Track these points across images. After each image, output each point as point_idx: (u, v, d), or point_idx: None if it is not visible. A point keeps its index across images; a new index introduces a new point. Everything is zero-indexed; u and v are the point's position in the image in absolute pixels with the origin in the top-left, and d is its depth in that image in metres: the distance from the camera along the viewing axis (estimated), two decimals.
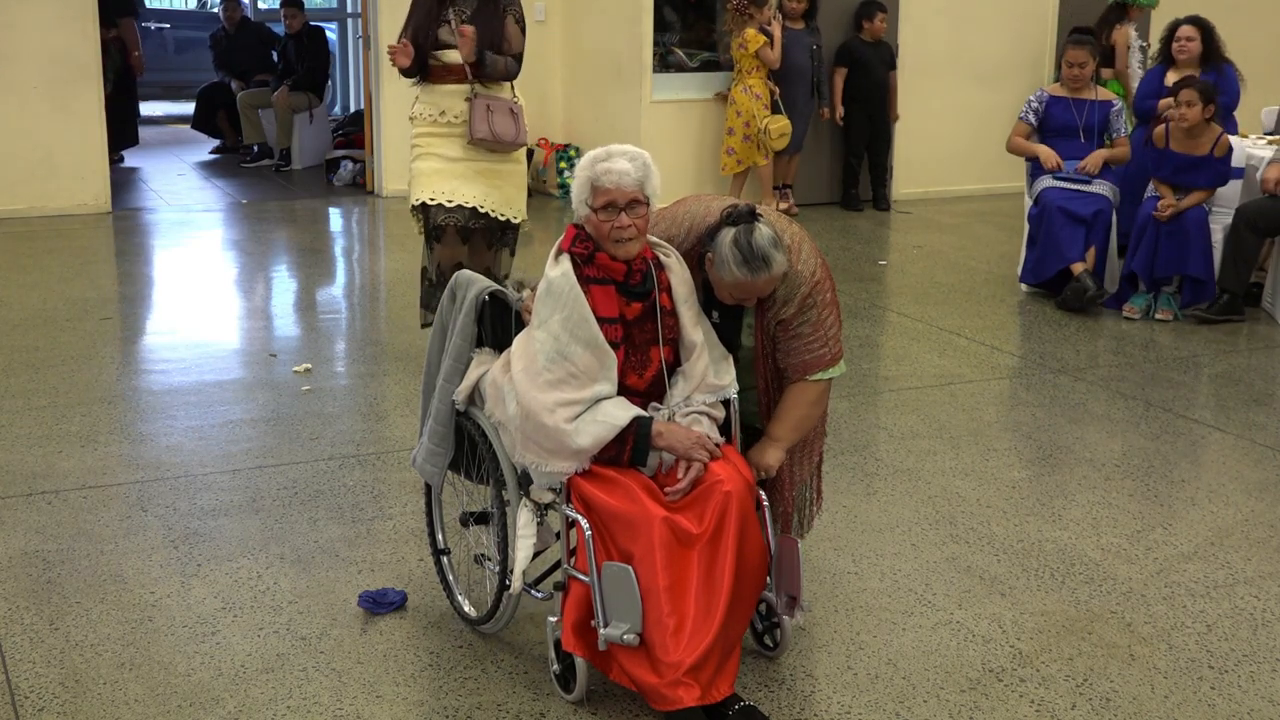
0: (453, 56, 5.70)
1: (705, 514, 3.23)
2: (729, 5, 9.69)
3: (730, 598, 3.18)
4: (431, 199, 5.77)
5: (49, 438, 5.14)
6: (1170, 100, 7.56)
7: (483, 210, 5.79)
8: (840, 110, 10.18)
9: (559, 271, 3.37)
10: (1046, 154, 7.56)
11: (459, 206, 5.74)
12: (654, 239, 3.48)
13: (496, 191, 5.83)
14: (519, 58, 5.82)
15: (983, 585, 4.03)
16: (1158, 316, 7.12)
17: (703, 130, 10.14)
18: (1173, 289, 7.19)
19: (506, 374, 3.41)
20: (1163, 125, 7.34)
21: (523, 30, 5.84)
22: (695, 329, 3.45)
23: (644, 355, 3.42)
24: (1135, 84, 8.86)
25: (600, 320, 3.32)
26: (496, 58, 5.73)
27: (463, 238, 5.82)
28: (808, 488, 3.72)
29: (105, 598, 3.85)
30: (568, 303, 3.32)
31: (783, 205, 9.96)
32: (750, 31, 9.55)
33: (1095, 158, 7.51)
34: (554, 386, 3.28)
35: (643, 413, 3.31)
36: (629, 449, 3.27)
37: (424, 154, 5.82)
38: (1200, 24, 7.88)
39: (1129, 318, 7.17)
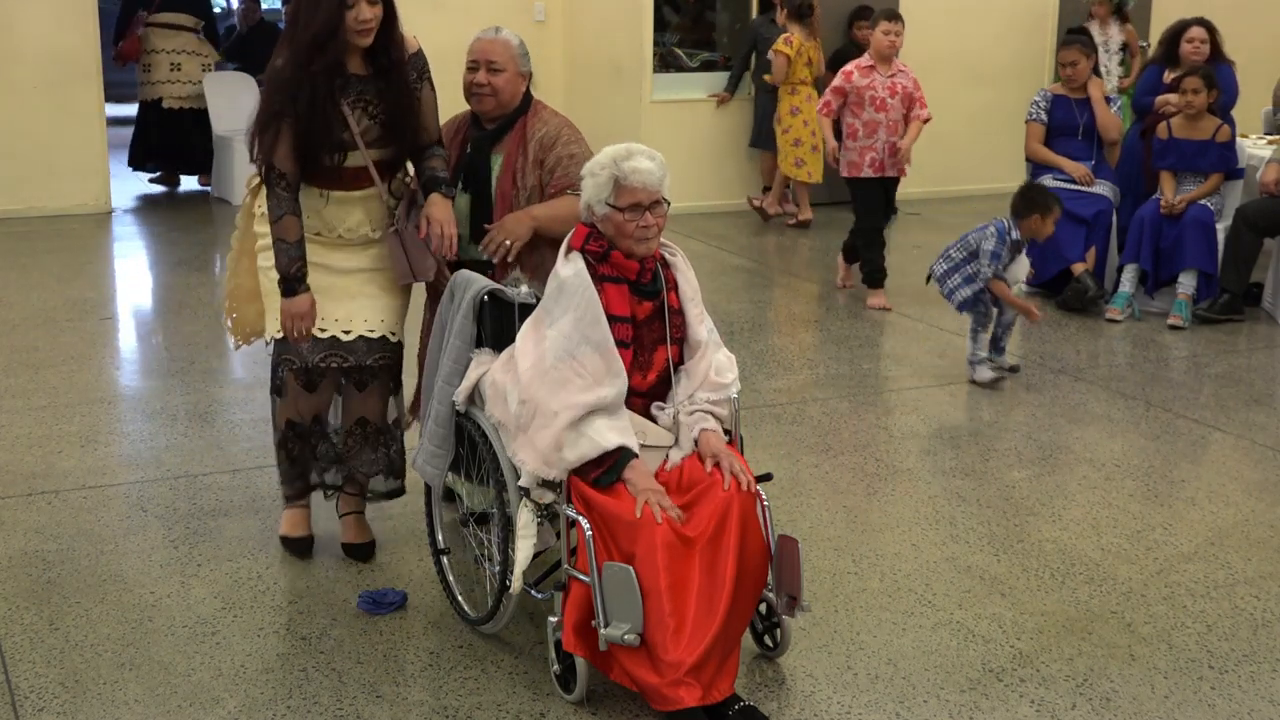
0: (355, 160, 3.87)
1: (706, 515, 3.23)
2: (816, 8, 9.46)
3: (731, 598, 3.18)
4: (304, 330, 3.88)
5: (49, 438, 5.14)
6: (1168, 96, 7.57)
7: (395, 337, 4.04)
8: None
9: (572, 270, 3.36)
10: (1073, 167, 7.52)
11: (360, 338, 3.94)
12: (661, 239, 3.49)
13: (388, 300, 4.03)
14: (441, 143, 4.09)
15: (983, 585, 4.03)
16: (1170, 323, 7.01)
17: (702, 130, 10.14)
18: (1191, 291, 7.10)
19: (507, 373, 3.41)
20: (1163, 121, 7.35)
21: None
22: (700, 327, 3.48)
23: (650, 355, 3.43)
24: (1108, 84, 8.84)
25: (612, 319, 3.32)
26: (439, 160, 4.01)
27: (351, 382, 4.01)
28: None
29: (105, 598, 3.85)
30: (581, 302, 3.31)
31: (791, 209, 9.95)
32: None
33: (1085, 169, 7.50)
34: (560, 386, 3.28)
35: (631, 444, 3.30)
36: (601, 471, 3.26)
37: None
38: (1208, 26, 7.88)
39: (1113, 319, 7.14)
